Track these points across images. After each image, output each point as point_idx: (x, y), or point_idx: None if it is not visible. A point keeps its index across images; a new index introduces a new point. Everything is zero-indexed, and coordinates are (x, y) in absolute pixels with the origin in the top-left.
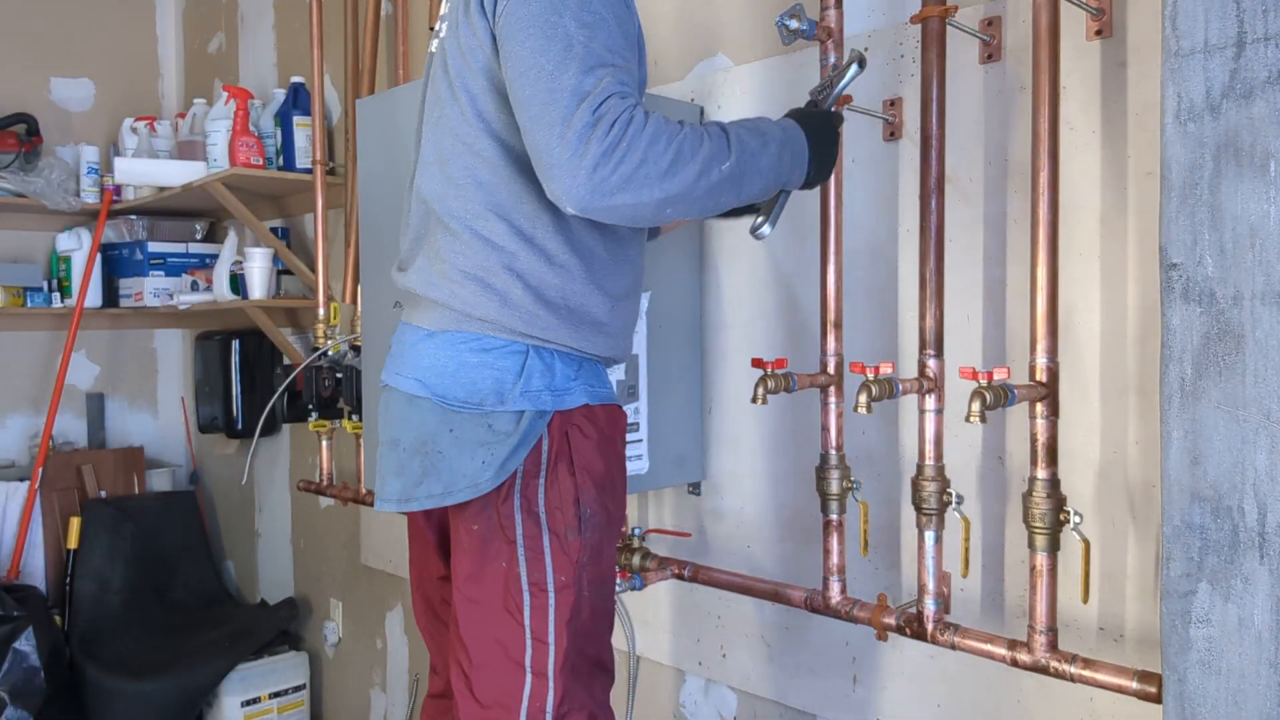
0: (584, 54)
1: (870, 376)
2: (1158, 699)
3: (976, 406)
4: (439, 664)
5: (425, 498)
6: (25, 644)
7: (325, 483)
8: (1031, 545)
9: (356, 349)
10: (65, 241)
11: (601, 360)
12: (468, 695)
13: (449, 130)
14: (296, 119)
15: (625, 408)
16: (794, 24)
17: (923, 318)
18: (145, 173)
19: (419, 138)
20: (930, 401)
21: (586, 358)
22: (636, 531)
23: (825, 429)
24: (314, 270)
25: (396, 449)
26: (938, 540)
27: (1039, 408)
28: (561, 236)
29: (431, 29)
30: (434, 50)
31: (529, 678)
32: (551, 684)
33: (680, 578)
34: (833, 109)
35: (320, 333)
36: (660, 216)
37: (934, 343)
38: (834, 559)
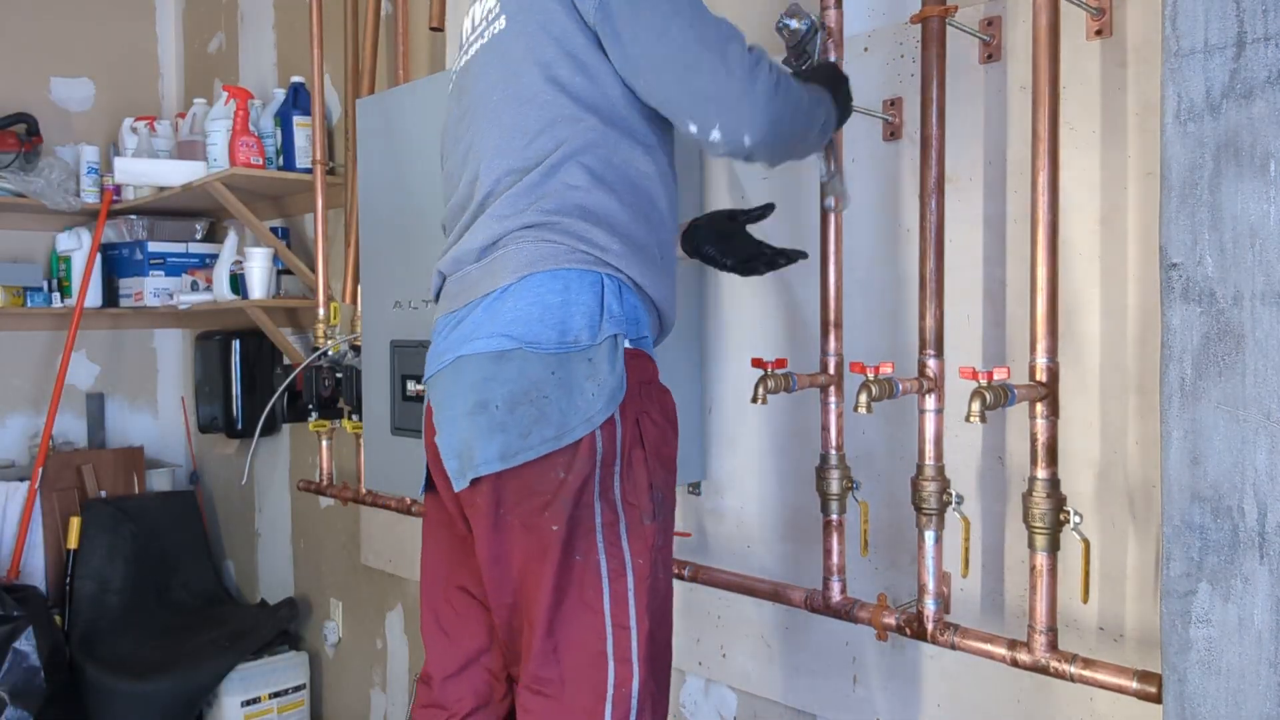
0: (710, 12)
1: (870, 376)
2: (1158, 699)
3: (976, 406)
4: (435, 674)
5: (540, 444)
6: (25, 644)
7: (325, 483)
8: (1031, 545)
9: (356, 349)
10: (65, 241)
11: (653, 309)
12: (542, 697)
13: (522, 102)
14: (296, 119)
15: None
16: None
17: (923, 318)
18: (145, 173)
19: (459, 132)
20: (930, 401)
21: (647, 301)
22: None
23: (825, 429)
24: (314, 270)
25: (487, 411)
26: (938, 540)
27: (1039, 408)
28: (628, 180)
29: (432, 29)
30: (480, 48)
31: (612, 665)
32: (636, 669)
33: (680, 578)
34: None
35: (320, 333)
36: (789, 156)
37: (934, 343)
38: (834, 559)
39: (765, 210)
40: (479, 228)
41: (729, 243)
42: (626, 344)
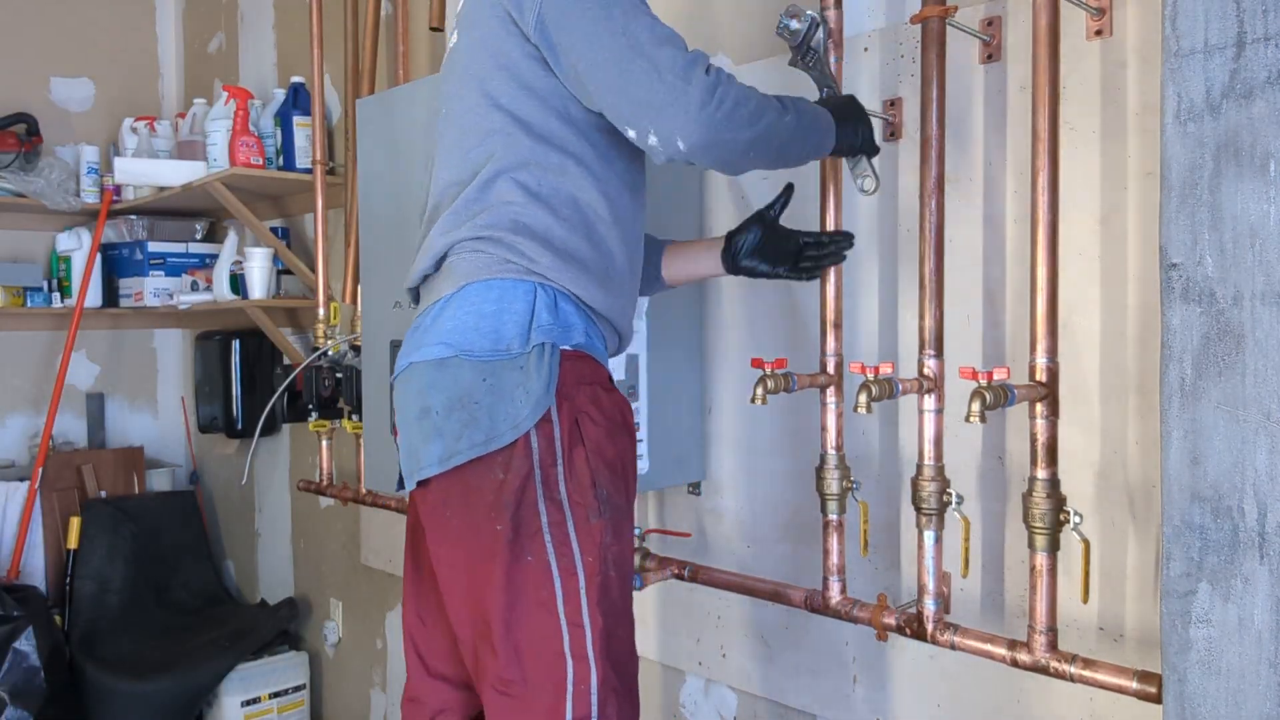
0: (647, 15)
1: (870, 376)
2: (1158, 699)
3: (976, 406)
4: (418, 689)
5: (469, 449)
6: (25, 644)
7: (325, 483)
8: (1031, 545)
9: (356, 349)
10: (65, 241)
11: (602, 320)
12: (507, 698)
13: (463, 117)
14: (296, 119)
15: None
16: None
17: (923, 318)
18: (145, 173)
19: (434, 138)
20: (930, 401)
21: (587, 312)
22: (636, 531)
23: (825, 429)
24: (314, 270)
25: (429, 416)
26: (937, 540)
27: (1039, 408)
28: (565, 195)
29: (432, 29)
30: (446, 55)
31: (570, 663)
32: (593, 665)
33: (680, 578)
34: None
35: (320, 333)
36: (744, 161)
37: (934, 343)
38: (834, 559)
39: (786, 193)
40: (430, 241)
41: (770, 248)
42: (566, 347)
